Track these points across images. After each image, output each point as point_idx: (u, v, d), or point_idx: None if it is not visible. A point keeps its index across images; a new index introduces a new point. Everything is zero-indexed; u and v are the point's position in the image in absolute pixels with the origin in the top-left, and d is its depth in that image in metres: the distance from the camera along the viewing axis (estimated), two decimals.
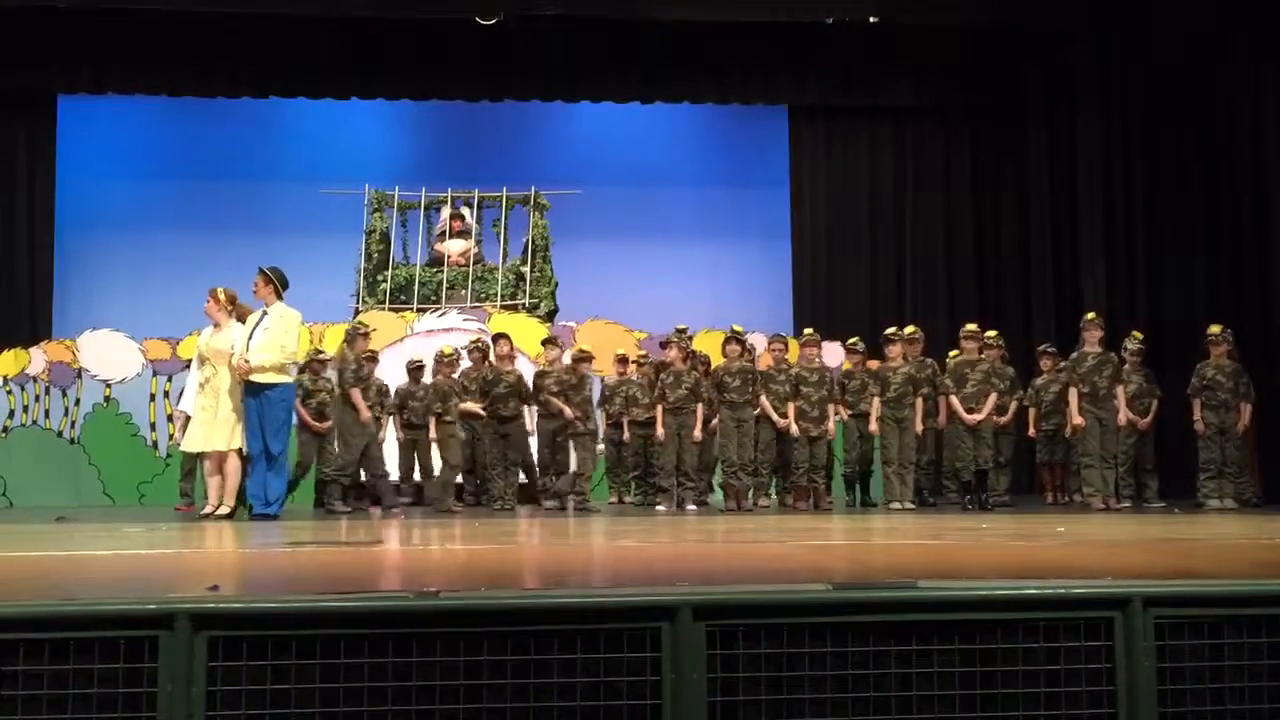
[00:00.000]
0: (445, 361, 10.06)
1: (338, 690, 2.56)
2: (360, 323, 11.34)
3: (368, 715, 2.56)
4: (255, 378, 8.16)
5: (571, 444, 10.03)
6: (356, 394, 9.64)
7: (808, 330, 10.67)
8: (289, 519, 8.26)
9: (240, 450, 8.28)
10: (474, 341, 10.89)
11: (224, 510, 8.23)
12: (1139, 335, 10.45)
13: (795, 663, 2.79)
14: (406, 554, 4.66)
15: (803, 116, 15.47)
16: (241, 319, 8.55)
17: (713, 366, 10.40)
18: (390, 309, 13.27)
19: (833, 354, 11.49)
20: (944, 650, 2.86)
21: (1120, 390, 9.75)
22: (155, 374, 12.23)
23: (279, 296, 8.50)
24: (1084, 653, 2.88)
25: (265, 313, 8.41)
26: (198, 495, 9.31)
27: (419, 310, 13.13)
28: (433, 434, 9.87)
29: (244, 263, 9.19)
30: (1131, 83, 13.12)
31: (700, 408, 9.80)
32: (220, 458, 8.31)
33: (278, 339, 8.27)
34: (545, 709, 2.66)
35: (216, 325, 8.53)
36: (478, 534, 6.38)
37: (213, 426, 8.29)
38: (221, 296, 8.58)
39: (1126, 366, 9.98)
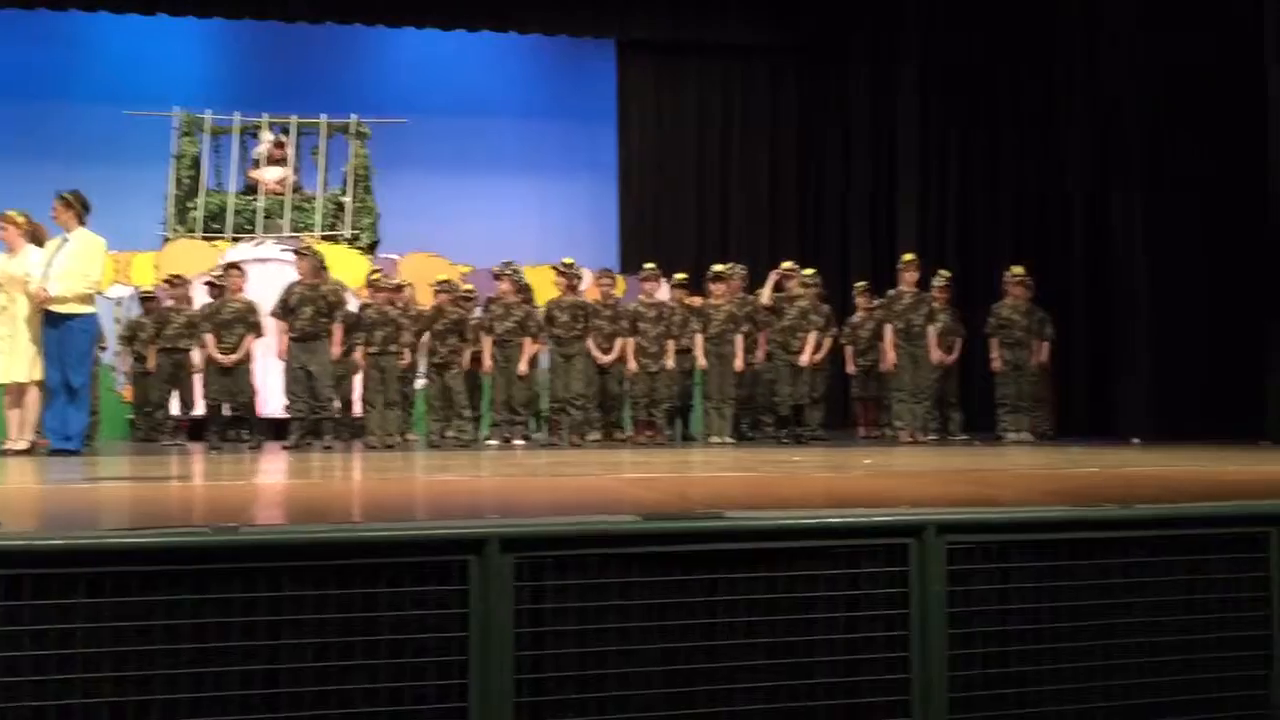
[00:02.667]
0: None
1: (129, 629, 2.47)
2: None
3: (161, 654, 2.48)
4: (56, 307, 7.76)
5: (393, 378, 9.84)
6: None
7: (648, 265, 10.65)
8: (91, 454, 7.93)
9: (41, 382, 7.89)
10: (214, 275, 10.53)
11: (22, 445, 7.84)
12: (946, 274, 10.85)
13: (604, 593, 2.81)
14: (210, 489, 4.52)
15: (631, 51, 15.45)
16: (39, 243, 8.10)
17: (540, 301, 10.38)
18: (203, 238, 12.78)
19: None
20: (750, 578, 2.93)
21: (931, 329, 10.13)
22: None
23: (81, 222, 8.07)
24: (881, 577, 2.99)
25: (66, 239, 7.99)
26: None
27: (234, 239, 12.69)
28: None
29: (42, 188, 8.65)
30: (951, 26, 13.48)
31: (528, 341, 9.75)
32: (19, 390, 7.90)
33: (80, 267, 7.86)
34: (349, 644, 2.62)
35: (10, 250, 8.06)
36: (288, 469, 6.24)
37: (11, 357, 7.85)
38: (20, 220, 8.11)
39: (935, 304, 10.37)
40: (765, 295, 10.53)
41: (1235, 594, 3.24)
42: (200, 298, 10.60)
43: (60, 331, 7.79)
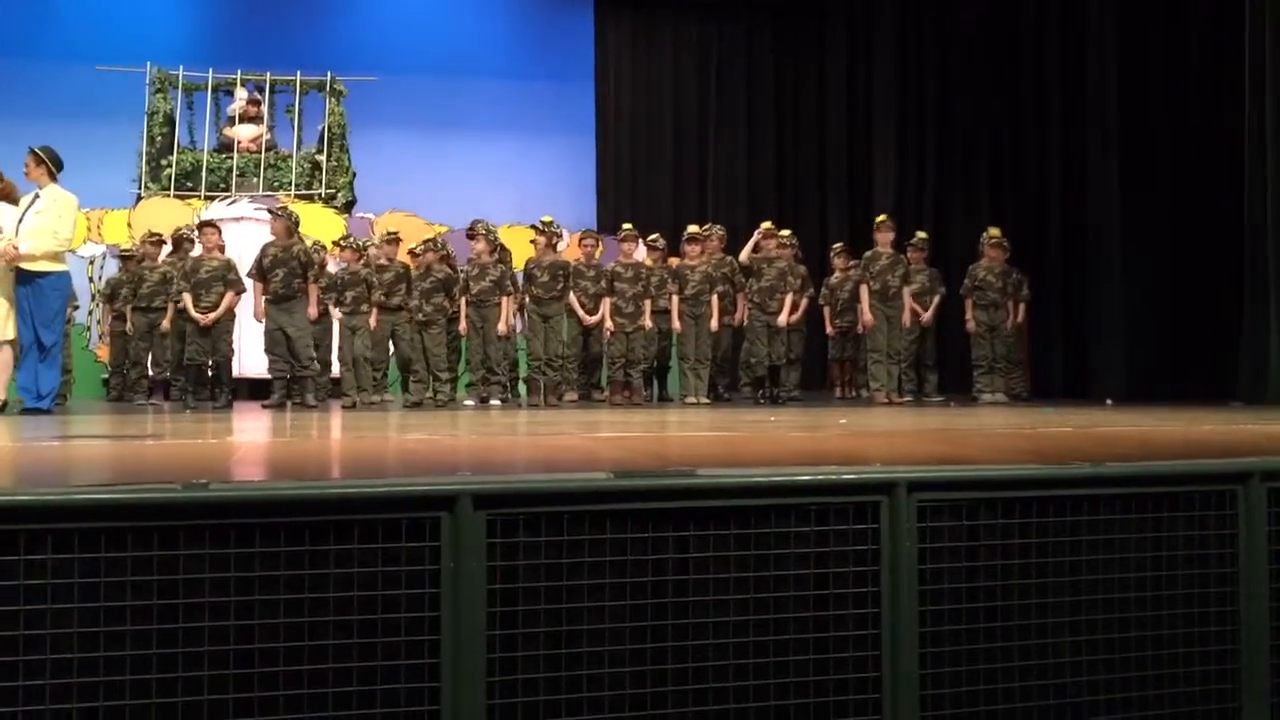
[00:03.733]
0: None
1: (98, 585, 2.46)
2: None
3: (131, 610, 2.48)
4: (26, 265, 7.68)
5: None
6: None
7: (626, 226, 10.63)
8: (64, 413, 7.89)
9: (14, 341, 7.82)
10: (177, 229, 10.49)
11: None
12: (923, 234, 10.87)
13: (575, 550, 2.82)
14: (183, 447, 4.50)
15: (609, 9, 15.35)
16: (11, 202, 8.01)
17: (517, 261, 10.36)
18: (176, 196, 12.68)
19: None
20: (721, 535, 2.94)
21: (907, 290, 10.14)
22: None
23: (53, 179, 7.97)
24: (852, 535, 3.00)
25: (37, 195, 7.89)
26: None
27: (207, 198, 12.59)
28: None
29: (12, 146, 8.56)
30: None
31: (505, 301, 9.72)
32: None
33: (50, 224, 7.76)
34: (321, 600, 2.62)
35: None
36: (263, 427, 6.23)
37: None
38: None
39: (912, 266, 10.38)
40: (744, 255, 10.51)
41: (1203, 550, 3.27)
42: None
43: (31, 289, 7.72)
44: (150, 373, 10.51)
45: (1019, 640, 3.09)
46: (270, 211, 9.85)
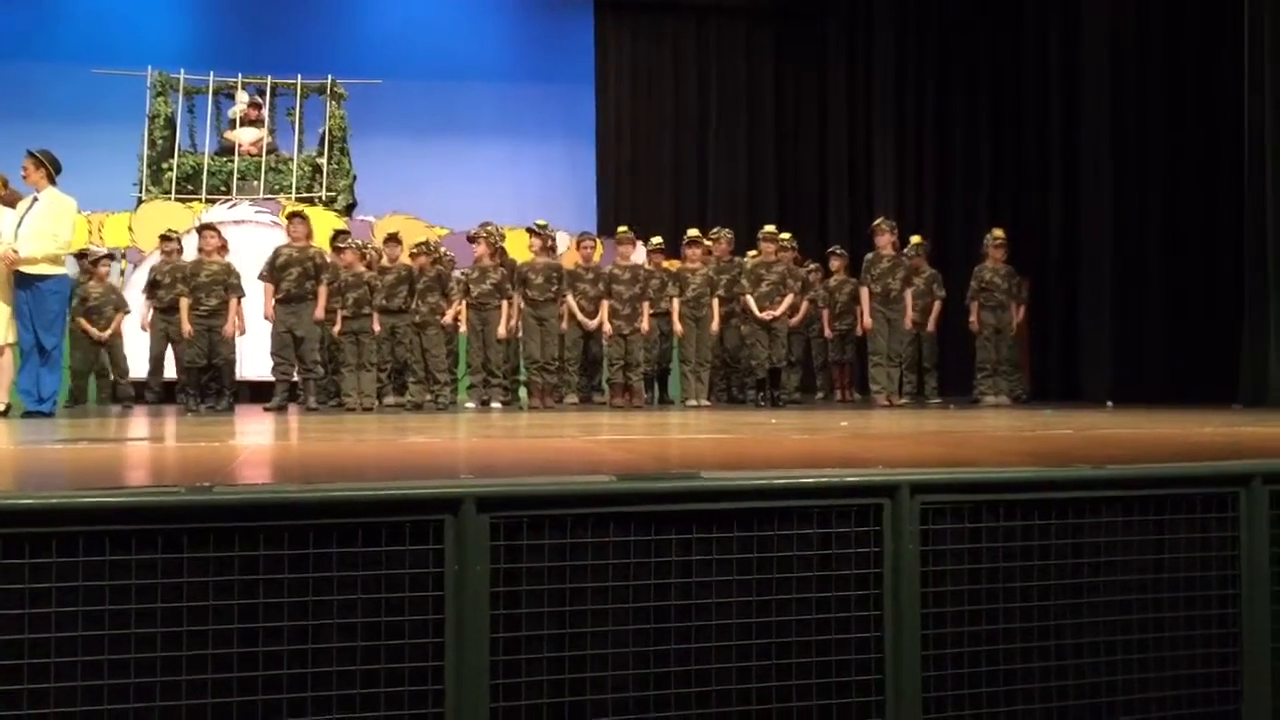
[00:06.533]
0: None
1: (103, 588, 2.46)
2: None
3: (135, 613, 2.48)
4: (25, 268, 7.69)
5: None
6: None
7: (621, 229, 10.64)
8: (67, 417, 7.89)
9: (15, 345, 7.84)
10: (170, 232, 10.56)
11: None
12: (919, 238, 10.90)
13: (578, 553, 2.82)
14: (186, 450, 4.50)
15: (609, 12, 15.36)
16: (10, 205, 8.02)
17: (518, 263, 10.36)
18: (177, 199, 12.68)
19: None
20: (724, 538, 2.94)
21: (909, 293, 10.14)
22: None
23: (51, 182, 7.98)
24: (854, 537, 3.01)
25: (36, 199, 7.90)
26: None
27: (208, 201, 12.59)
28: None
29: (11, 150, 8.57)
30: None
31: (505, 304, 9.72)
32: None
33: (49, 227, 7.78)
34: (324, 603, 2.62)
35: None
36: (265, 430, 6.23)
37: None
38: None
39: (913, 268, 10.38)
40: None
41: (1205, 553, 3.27)
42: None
43: (30, 293, 7.74)
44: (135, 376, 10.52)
45: (1021, 642, 3.09)
46: (292, 215, 9.81)
